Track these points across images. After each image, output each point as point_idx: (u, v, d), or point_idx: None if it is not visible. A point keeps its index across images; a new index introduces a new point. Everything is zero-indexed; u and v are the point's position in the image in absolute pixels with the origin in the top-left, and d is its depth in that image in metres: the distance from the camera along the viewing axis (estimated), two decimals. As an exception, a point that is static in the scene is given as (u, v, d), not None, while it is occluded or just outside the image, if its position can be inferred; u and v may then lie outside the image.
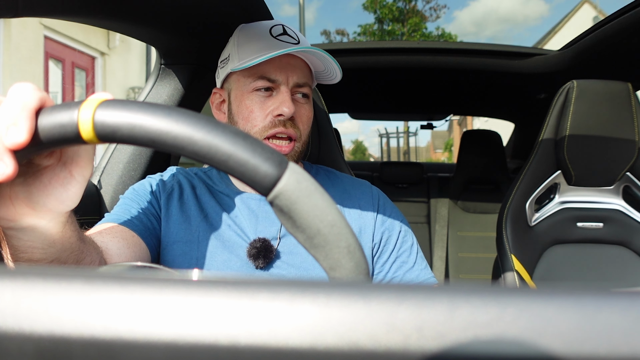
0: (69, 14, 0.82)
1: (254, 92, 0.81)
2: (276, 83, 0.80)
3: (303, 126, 0.82)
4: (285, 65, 0.80)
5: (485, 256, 2.28)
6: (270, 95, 0.81)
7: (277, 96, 0.80)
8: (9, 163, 0.34)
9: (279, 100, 0.79)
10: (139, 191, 0.82)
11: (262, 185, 0.31)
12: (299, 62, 0.82)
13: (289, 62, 0.81)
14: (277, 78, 0.80)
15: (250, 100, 0.81)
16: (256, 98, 0.81)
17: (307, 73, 0.84)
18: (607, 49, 1.43)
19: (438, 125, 3.18)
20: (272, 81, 0.80)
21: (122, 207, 0.79)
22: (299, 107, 0.82)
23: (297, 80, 0.81)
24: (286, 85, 0.80)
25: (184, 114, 0.32)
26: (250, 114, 0.80)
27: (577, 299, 0.20)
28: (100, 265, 0.58)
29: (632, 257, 1.31)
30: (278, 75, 0.80)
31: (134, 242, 0.71)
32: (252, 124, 0.80)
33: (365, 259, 0.33)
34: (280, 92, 0.80)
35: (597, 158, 1.28)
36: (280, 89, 0.80)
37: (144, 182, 0.85)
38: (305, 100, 0.83)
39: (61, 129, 0.33)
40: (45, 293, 0.21)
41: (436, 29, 20.47)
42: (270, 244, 0.78)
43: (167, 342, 0.19)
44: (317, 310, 0.20)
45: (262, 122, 0.80)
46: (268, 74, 0.80)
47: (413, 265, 0.85)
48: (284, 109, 0.78)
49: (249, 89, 0.81)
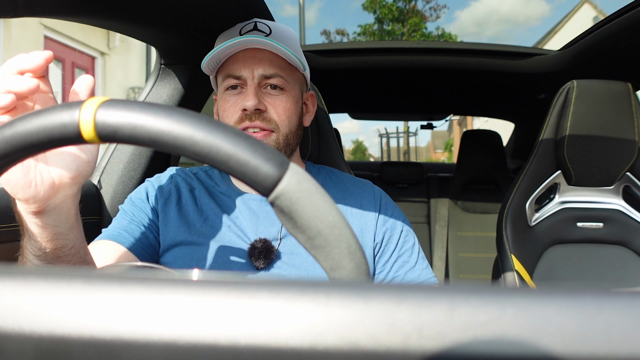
0: (69, 14, 0.82)
1: (226, 92, 0.83)
2: (242, 79, 0.81)
3: (280, 117, 0.81)
4: (250, 59, 0.80)
5: (485, 256, 2.28)
6: (241, 92, 0.82)
7: (245, 92, 0.81)
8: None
9: (244, 95, 0.80)
10: (136, 202, 0.83)
11: (262, 185, 0.31)
12: (267, 54, 0.81)
13: (254, 56, 0.81)
14: (241, 74, 0.81)
15: (224, 100, 0.83)
16: (228, 97, 0.82)
17: (278, 64, 0.82)
18: (607, 49, 1.43)
19: (438, 125, 3.18)
20: (237, 77, 0.81)
21: (119, 221, 0.80)
22: (272, 99, 0.81)
23: (263, 72, 0.81)
24: (252, 79, 0.80)
25: (185, 114, 0.32)
26: (224, 112, 0.82)
27: (577, 299, 0.20)
28: None
29: (632, 257, 1.31)
30: (242, 70, 0.80)
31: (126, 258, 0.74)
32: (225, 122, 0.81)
33: (365, 260, 0.33)
34: (247, 87, 0.81)
35: (597, 158, 1.28)
36: (247, 85, 0.81)
37: (141, 190, 0.86)
38: (279, 92, 0.82)
39: (62, 128, 0.33)
40: (45, 293, 0.21)
41: (436, 29, 20.47)
42: (271, 245, 0.78)
43: (167, 342, 0.20)
44: (317, 310, 0.20)
45: (231, 119, 0.81)
46: (233, 71, 0.81)
47: (414, 265, 0.85)
48: (246, 103, 0.78)
49: (222, 90, 0.84)
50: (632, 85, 1.27)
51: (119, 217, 0.81)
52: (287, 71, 0.83)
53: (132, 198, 0.84)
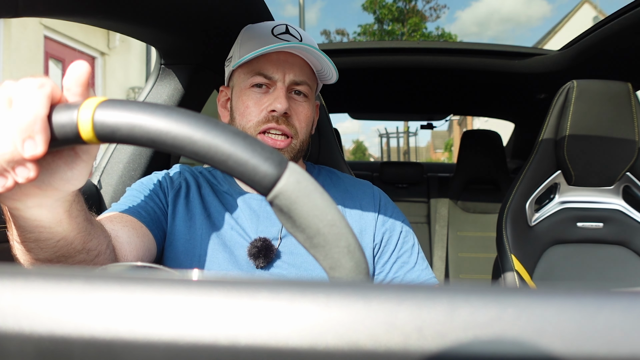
0: (69, 14, 0.82)
1: (251, 89, 0.82)
2: (273, 80, 0.81)
3: (300, 124, 0.82)
4: (283, 62, 0.81)
5: (485, 256, 2.28)
6: (267, 92, 0.82)
7: (273, 93, 0.81)
8: (32, 168, 0.36)
9: (273, 97, 0.80)
10: (147, 184, 0.83)
11: (261, 185, 0.31)
12: (298, 60, 0.82)
13: (287, 60, 0.81)
14: (274, 75, 0.80)
15: (246, 96, 0.82)
16: (252, 94, 0.82)
17: (307, 72, 0.84)
18: (607, 49, 1.43)
19: (438, 125, 3.18)
20: (268, 77, 0.81)
21: (129, 197, 0.79)
22: (296, 105, 0.82)
23: (294, 77, 0.81)
24: (282, 82, 0.81)
25: (183, 114, 0.32)
26: (246, 109, 0.81)
27: (577, 299, 0.20)
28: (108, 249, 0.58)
29: (632, 257, 1.31)
30: (275, 72, 0.80)
31: (142, 232, 0.71)
32: (246, 119, 0.81)
33: (365, 259, 0.33)
34: (276, 89, 0.80)
35: (597, 158, 1.28)
36: (276, 86, 0.81)
37: (152, 177, 0.85)
38: (303, 99, 0.84)
39: (61, 129, 0.33)
40: (45, 293, 0.21)
41: (436, 29, 20.47)
42: (270, 244, 0.78)
43: (167, 342, 0.19)
44: (317, 310, 0.20)
45: (256, 117, 0.80)
46: (265, 70, 0.80)
47: (414, 266, 0.85)
48: (277, 104, 0.78)
49: (247, 85, 0.82)
50: (632, 85, 1.27)
51: (129, 196, 0.79)
52: (312, 80, 0.85)
53: (142, 182, 0.84)
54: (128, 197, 0.79)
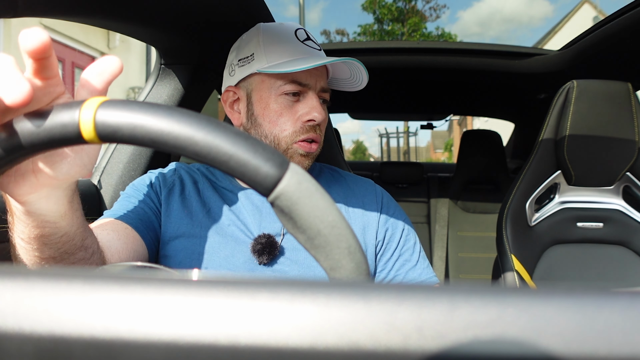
0: (69, 14, 0.82)
1: (282, 96, 0.80)
2: (306, 87, 0.81)
3: (323, 131, 0.85)
4: (314, 70, 0.81)
5: (485, 256, 2.28)
6: (298, 99, 0.81)
7: (306, 101, 0.81)
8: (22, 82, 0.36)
9: (309, 106, 0.80)
10: (139, 187, 0.82)
11: (263, 185, 0.31)
12: (324, 68, 0.84)
13: (317, 68, 0.81)
14: (308, 82, 0.81)
15: (278, 104, 0.80)
16: (284, 102, 0.80)
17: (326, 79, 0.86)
18: (607, 49, 1.43)
19: (438, 125, 3.18)
20: (303, 85, 0.80)
21: (121, 203, 0.79)
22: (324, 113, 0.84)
23: (323, 85, 0.83)
24: (314, 90, 0.81)
25: (185, 114, 0.32)
26: (280, 117, 0.80)
27: (577, 299, 0.20)
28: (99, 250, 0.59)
29: (632, 257, 1.31)
30: (309, 80, 0.81)
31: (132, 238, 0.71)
32: (281, 128, 0.80)
33: (365, 260, 0.33)
34: (309, 97, 0.81)
35: (597, 158, 1.28)
36: (308, 94, 0.81)
37: (144, 178, 0.85)
38: (324, 106, 0.85)
39: (62, 128, 0.33)
40: (45, 293, 0.21)
41: (436, 28, 20.47)
42: (274, 240, 0.78)
43: (167, 342, 0.20)
44: (317, 310, 0.20)
45: (292, 127, 0.80)
46: (300, 78, 0.80)
47: (415, 264, 0.85)
48: (316, 114, 0.79)
49: (278, 92, 0.80)
50: (632, 85, 1.27)
51: (121, 200, 0.80)
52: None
53: (135, 184, 0.84)
54: (120, 202, 0.80)
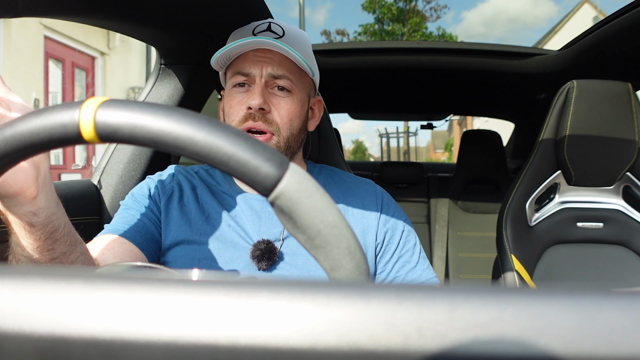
0: (69, 14, 0.82)
1: (234, 89, 0.83)
2: (251, 76, 0.81)
3: (282, 120, 0.81)
4: (260, 58, 0.80)
5: (485, 256, 2.28)
6: (248, 90, 0.82)
7: (252, 90, 0.81)
8: None
9: (249, 94, 0.80)
10: (138, 197, 0.83)
11: (263, 185, 0.31)
12: (278, 56, 0.81)
13: (264, 56, 0.81)
14: (251, 71, 0.80)
15: (230, 97, 0.83)
16: (234, 94, 0.82)
17: (288, 66, 0.82)
18: (607, 49, 1.43)
19: (438, 125, 3.18)
20: (246, 75, 0.81)
21: (120, 215, 0.80)
22: (277, 100, 0.81)
23: (271, 71, 0.80)
24: (260, 77, 0.80)
25: (185, 114, 0.32)
26: (230, 109, 0.82)
27: (577, 299, 0.20)
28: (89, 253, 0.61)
29: (632, 257, 1.31)
30: (251, 68, 0.80)
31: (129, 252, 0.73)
32: (230, 119, 0.81)
33: (365, 260, 0.33)
34: (254, 85, 0.80)
35: (597, 158, 1.28)
36: (255, 83, 0.81)
37: (143, 186, 0.85)
38: (285, 94, 0.82)
39: (62, 128, 0.33)
40: (45, 293, 0.21)
41: (437, 29, 20.48)
42: (274, 246, 0.78)
43: (167, 342, 0.20)
44: (317, 310, 0.20)
45: (237, 117, 0.80)
46: (242, 68, 0.81)
47: (415, 265, 0.85)
48: (251, 101, 0.78)
49: (230, 86, 0.83)
50: (632, 85, 1.27)
51: (121, 212, 0.81)
52: (295, 74, 0.83)
53: (134, 194, 0.84)
54: (120, 214, 0.80)
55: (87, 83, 6.80)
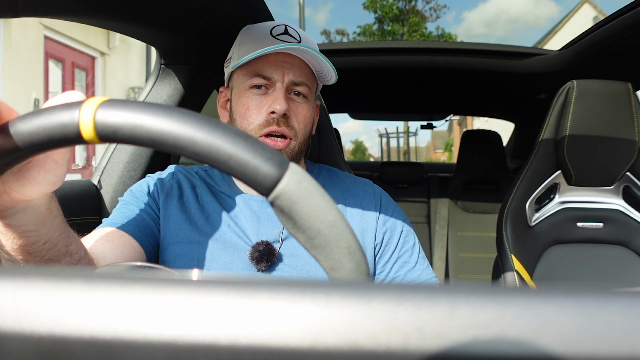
0: (69, 14, 0.82)
1: (251, 90, 0.82)
2: (272, 81, 0.81)
3: (299, 125, 0.82)
4: (282, 63, 0.81)
5: (485, 256, 2.28)
6: (266, 93, 0.81)
7: (272, 94, 0.81)
8: None
9: (272, 98, 0.80)
10: (137, 193, 0.82)
11: (262, 185, 0.31)
12: (297, 61, 0.82)
13: (285, 61, 0.81)
14: (273, 75, 0.80)
15: (246, 98, 0.82)
16: (252, 95, 0.82)
17: (306, 72, 0.84)
18: (607, 49, 1.43)
19: (438, 125, 3.18)
20: (267, 78, 0.81)
21: (119, 210, 0.79)
22: (295, 106, 0.82)
23: (292, 78, 0.81)
24: (281, 82, 0.80)
25: (185, 114, 0.32)
26: (247, 111, 0.81)
27: (577, 299, 0.20)
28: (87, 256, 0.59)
29: (632, 257, 1.31)
30: (273, 72, 0.80)
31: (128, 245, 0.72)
32: (248, 122, 0.81)
33: (365, 260, 0.33)
34: (275, 90, 0.80)
35: (597, 158, 1.28)
36: (275, 87, 0.81)
37: (142, 183, 0.85)
38: (302, 100, 0.83)
39: (62, 128, 0.33)
40: (45, 293, 0.21)
41: (436, 29, 20.48)
42: (273, 247, 0.78)
43: (167, 342, 0.20)
44: (317, 310, 0.20)
45: (257, 120, 0.80)
46: (263, 71, 0.80)
47: (414, 265, 0.85)
48: (277, 106, 0.78)
49: (246, 87, 0.82)
50: (632, 85, 1.27)
51: (119, 207, 0.80)
52: (311, 81, 0.85)
53: (132, 190, 0.84)
54: (118, 209, 0.80)
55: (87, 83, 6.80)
